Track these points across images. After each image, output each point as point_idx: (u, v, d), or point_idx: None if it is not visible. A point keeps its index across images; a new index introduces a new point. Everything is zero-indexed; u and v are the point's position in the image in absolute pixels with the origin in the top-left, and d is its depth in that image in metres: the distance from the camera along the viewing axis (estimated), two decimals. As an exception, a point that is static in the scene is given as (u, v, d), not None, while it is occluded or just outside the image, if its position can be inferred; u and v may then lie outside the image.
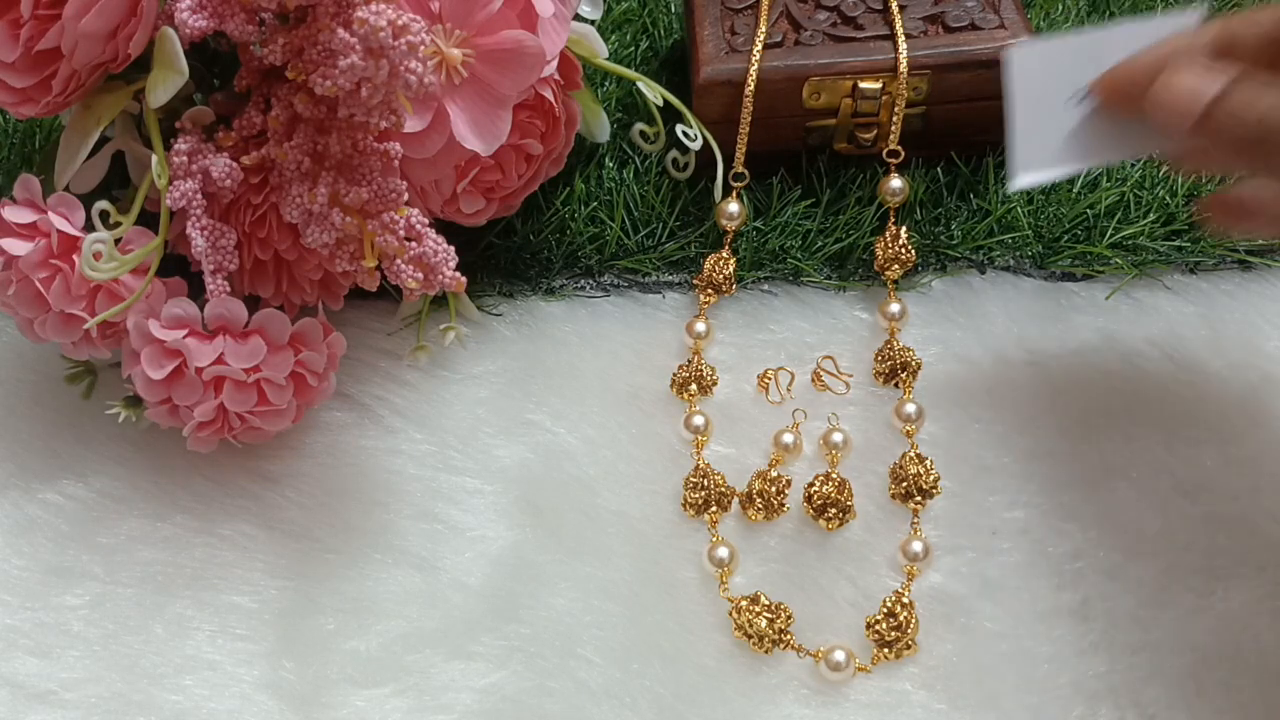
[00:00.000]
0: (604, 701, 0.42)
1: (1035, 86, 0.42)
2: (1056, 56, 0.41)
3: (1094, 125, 0.41)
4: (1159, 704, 0.41)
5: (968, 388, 0.48)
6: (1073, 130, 0.41)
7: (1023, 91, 0.42)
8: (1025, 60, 0.42)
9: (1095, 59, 0.40)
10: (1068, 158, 0.42)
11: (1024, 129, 0.42)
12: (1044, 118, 0.41)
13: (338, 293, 0.47)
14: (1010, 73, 0.42)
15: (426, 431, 0.48)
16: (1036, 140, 0.42)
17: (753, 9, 0.51)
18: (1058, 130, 0.41)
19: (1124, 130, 0.41)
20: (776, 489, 0.45)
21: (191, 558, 0.46)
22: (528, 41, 0.41)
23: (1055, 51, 0.41)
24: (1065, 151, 0.42)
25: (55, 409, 0.50)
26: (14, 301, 0.43)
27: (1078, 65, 0.41)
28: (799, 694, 0.42)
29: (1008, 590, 0.44)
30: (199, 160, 0.41)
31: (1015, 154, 0.42)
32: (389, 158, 0.40)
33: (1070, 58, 0.41)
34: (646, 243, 0.52)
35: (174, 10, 0.39)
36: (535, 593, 0.44)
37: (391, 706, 0.42)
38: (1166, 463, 0.45)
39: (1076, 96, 0.41)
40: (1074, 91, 0.41)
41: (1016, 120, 0.42)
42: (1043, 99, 0.41)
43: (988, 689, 0.42)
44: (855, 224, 0.51)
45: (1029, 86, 0.42)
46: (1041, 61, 0.41)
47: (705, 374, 0.48)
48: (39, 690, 0.43)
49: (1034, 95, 0.42)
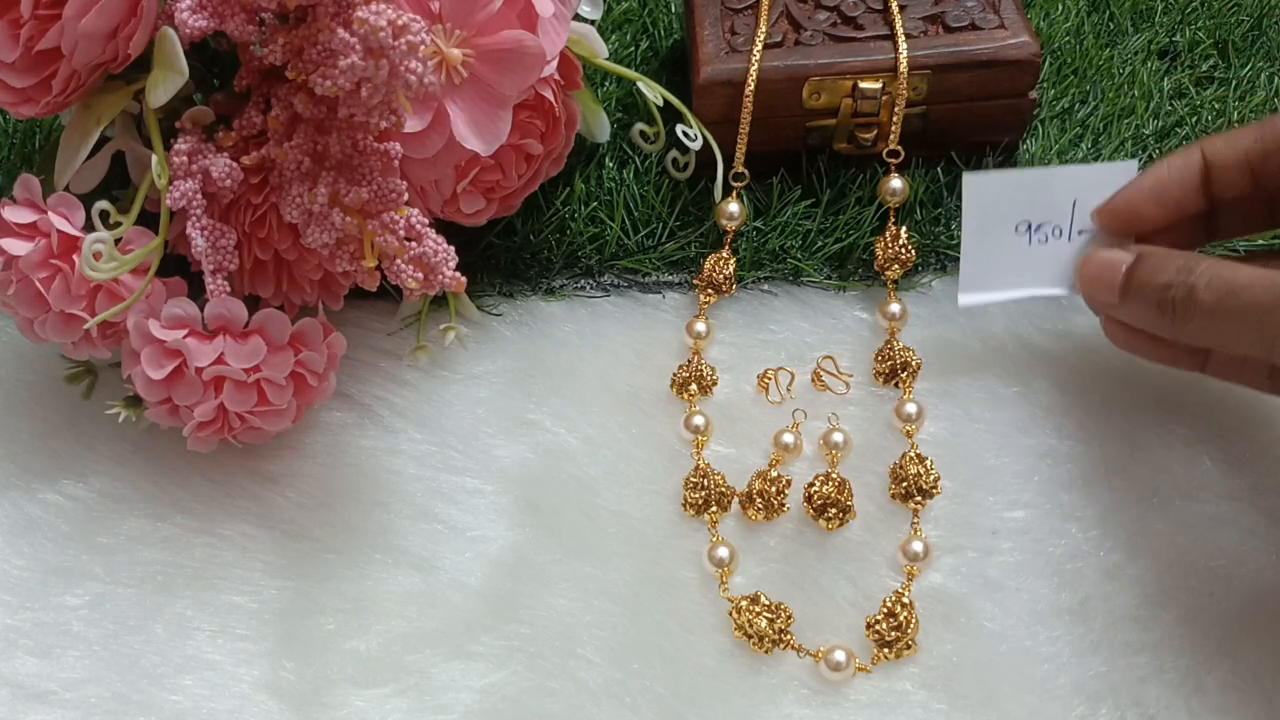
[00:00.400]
0: (604, 701, 0.42)
1: (985, 213, 0.44)
2: (1007, 188, 0.44)
3: (1036, 256, 0.44)
4: (1159, 704, 0.41)
5: (968, 388, 0.48)
6: (1016, 259, 0.44)
7: (973, 216, 0.44)
8: (977, 187, 0.44)
9: (1043, 194, 0.44)
10: (1010, 284, 0.44)
11: (971, 253, 0.45)
12: (991, 244, 0.44)
13: (338, 293, 0.47)
14: (964, 197, 0.44)
15: (426, 431, 0.48)
16: (982, 264, 0.45)
17: (753, 9, 0.51)
18: (1003, 257, 0.44)
19: (1060, 266, 0.44)
20: (776, 489, 0.45)
21: (191, 558, 0.46)
22: (528, 41, 0.41)
23: (1006, 183, 0.44)
24: (1008, 278, 0.44)
25: (55, 409, 0.50)
26: (14, 301, 0.43)
27: (1025, 198, 0.44)
28: (799, 694, 0.42)
29: (1008, 590, 0.44)
30: (199, 160, 0.41)
31: (962, 275, 0.45)
32: (389, 158, 0.40)
33: (1019, 191, 0.44)
34: (646, 243, 0.52)
35: (174, 10, 0.39)
36: (535, 593, 0.44)
37: (391, 706, 0.42)
38: (1166, 463, 0.45)
39: (1022, 226, 0.44)
40: (1019, 222, 0.44)
41: (965, 243, 0.45)
42: (991, 226, 0.44)
43: (988, 689, 0.42)
44: (855, 224, 0.51)
45: (979, 213, 0.44)
46: (993, 191, 0.44)
47: (705, 374, 0.48)
48: (39, 690, 0.43)
49: (983, 221, 0.44)
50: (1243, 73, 0.55)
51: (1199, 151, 0.42)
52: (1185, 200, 0.42)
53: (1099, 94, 0.55)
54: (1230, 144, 0.42)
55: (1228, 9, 0.58)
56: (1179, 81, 0.55)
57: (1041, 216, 0.44)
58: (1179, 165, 0.42)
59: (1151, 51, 0.56)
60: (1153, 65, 0.56)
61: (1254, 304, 0.37)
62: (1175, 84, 0.55)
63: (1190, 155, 0.42)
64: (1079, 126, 0.53)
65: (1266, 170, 0.41)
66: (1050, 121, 0.54)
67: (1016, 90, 0.50)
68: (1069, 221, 0.44)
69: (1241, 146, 0.41)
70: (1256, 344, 0.38)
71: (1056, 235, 0.44)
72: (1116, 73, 0.55)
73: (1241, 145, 0.41)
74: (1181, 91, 0.55)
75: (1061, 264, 0.44)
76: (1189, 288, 0.39)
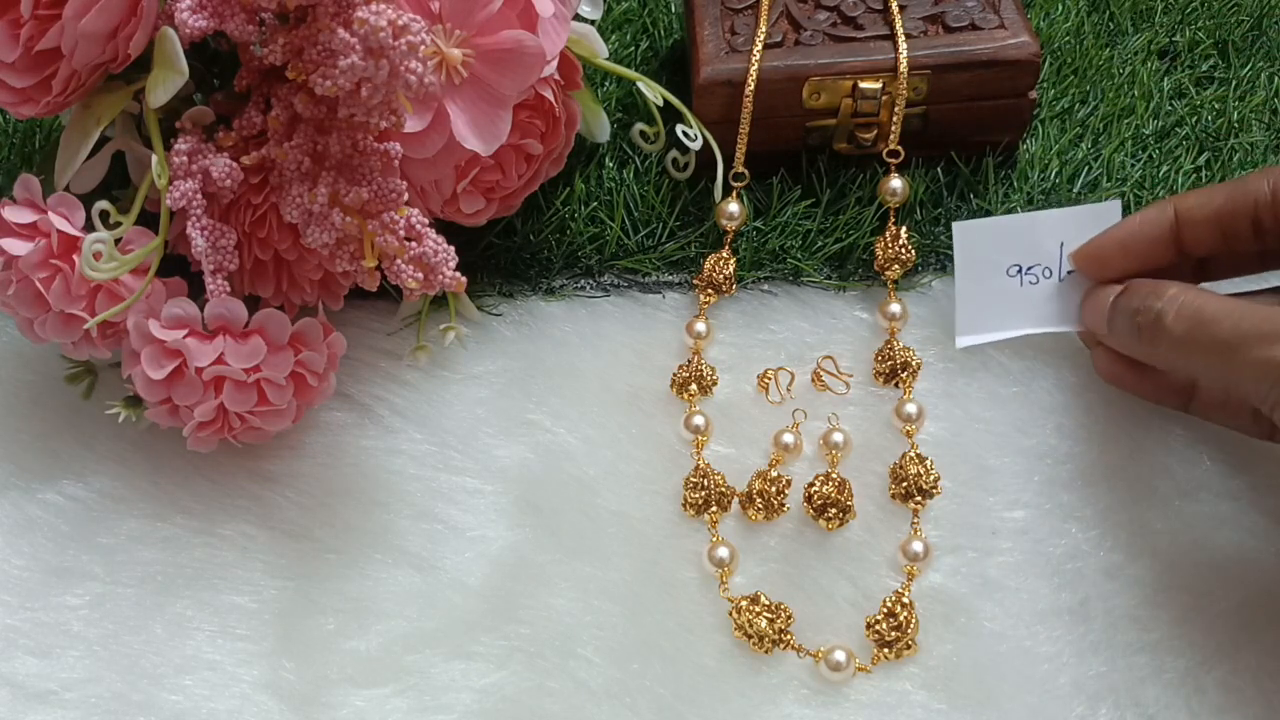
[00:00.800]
0: (604, 701, 0.42)
1: (976, 259, 0.46)
2: (995, 234, 0.46)
3: (1028, 297, 0.46)
4: (1159, 704, 0.41)
5: (968, 388, 0.48)
6: (1009, 300, 0.46)
7: (965, 262, 0.46)
8: (967, 234, 0.46)
9: (1030, 237, 0.46)
10: (1005, 324, 0.46)
11: (965, 296, 0.47)
12: (984, 287, 0.46)
13: (338, 293, 0.47)
14: (955, 243, 0.46)
15: (426, 431, 0.48)
16: (977, 307, 0.47)
17: (753, 9, 0.51)
18: (996, 299, 0.46)
19: (1052, 305, 0.46)
20: (776, 489, 0.45)
21: (191, 558, 0.46)
22: (528, 41, 0.41)
23: (994, 229, 0.46)
24: (1003, 318, 0.46)
25: (55, 409, 0.50)
26: (14, 301, 0.43)
27: (1013, 243, 0.46)
28: (799, 694, 0.42)
29: (1008, 590, 0.44)
30: (199, 160, 0.41)
31: (958, 318, 0.47)
32: (389, 158, 0.40)
33: (1007, 236, 0.46)
34: (646, 243, 0.52)
35: (174, 10, 0.39)
36: (535, 593, 0.44)
37: (391, 706, 0.42)
38: (1166, 463, 0.45)
39: (1013, 269, 0.46)
40: (1010, 265, 0.46)
41: (958, 287, 0.47)
42: (983, 270, 0.46)
43: (988, 689, 0.42)
44: (855, 224, 0.51)
45: (970, 258, 0.46)
46: (982, 237, 0.46)
47: (705, 374, 0.48)
48: (39, 690, 0.43)
49: (975, 266, 0.46)
50: (1243, 73, 0.55)
51: (1172, 207, 0.43)
52: (1153, 253, 0.43)
53: (1099, 94, 0.55)
54: (1201, 203, 0.42)
55: (1228, 9, 0.58)
56: (1179, 81, 0.55)
57: (1031, 259, 0.46)
58: (1151, 219, 0.43)
59: (1151, 51, 0.56)
60: (1153, 65, 0.56)
61: (1219, 341, 0.38)
62: (1175, 84, 0.55)
63: (1163, 210, 0.43)
64: (1079, 126, 0.53)
65: (1235, 230, 0.41)
66: (1050, 121, 0.54)
67: (1016, 90, 0.50)
68: (1058, 263, 0.46)
69: (1212, 206, 0.42)
70: (1221, 379, 0.38)
71: (1047, 276, 0.46)
72: (1116, 73, 0.55)
73: (1212, 205, 0.42)
74: (1181, 91, 0.55)
75: (1053, 303, 0.46)
76: (1156, 313, 0.40)
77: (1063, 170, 0.52)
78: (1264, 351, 0.36)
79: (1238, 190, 0.41)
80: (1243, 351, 0.37)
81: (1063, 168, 0.52)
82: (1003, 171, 0.52)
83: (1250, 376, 0.37)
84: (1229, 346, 0.37)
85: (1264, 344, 0.36)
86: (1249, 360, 0.37)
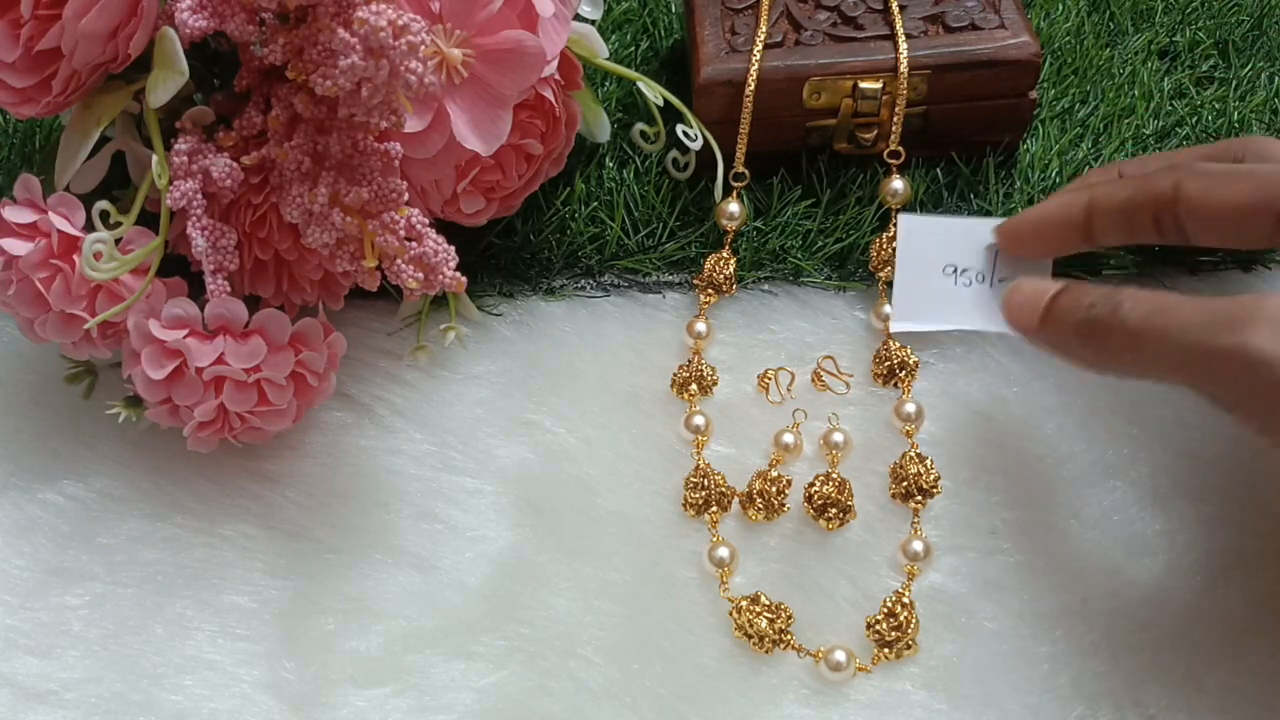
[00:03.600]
0: (604, 701, 0.42)
1: (917, 252, 0.48)
2: (937, 232, 0.48)
3: (960, 297, 0.47)
4: (1159, 704, 0.41)
5: (968, 388, 0.48)
6: (943, 296, 0.47)
7: (905, 253, 0.48)
8: (912, 228, 0.48)
9: (968, 241, 0.47)
10: (937, 318, 0.47)
11: (902, 285, 0.48)
12: (921, 280, 0.48)
13: (338, 293, 0.47)
14: (899, 235, 0.48)
15: (426, 431, 0.48)
16: (913, 297, 0.48)
17: (753, 9, 0.51)
18: (931, 293, 0.47)
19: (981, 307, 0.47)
20: (777, 489, 0.45)
21: (191, 558, 0.46)
22: (528, 41, 0.41)
23: (937, 228, 0.48)
24: (936, 312, 0.47)
25: (55, 409, 0.50)
26: (14, 301, 0.43)
27: (953, 243, 0.47)
28: (799, 694, 0.42)
29: (1008, 590, 0.44)
30: (199, 160, 0.41)
31: (894, 304, 0.48)
32: (389, 158, 0.40)
33: (947, 236, 0.47)
34: (646, 243, 0.52)
35: (174, 10, 0.39)
36: (535, 593, 0.44)
37: (391, 706, 0.42)
38: (1166, 463, 0.45)
39: (949, 269, 0.47)
40: (946, 265, 0.47)
41: (898, 276, 0.48)
42: (921, 263, 0.47)
43: (988, 689, 0.42)
44: (855, 224, 0.51)
45: (912, 250, 0.48)
46: (925, 233, 0.48)
47: (705, 374, 0.48)
48: (39, 690, 0.43)
49: (915, 259, 0.48)
50: (1243, 73, 0.55)
51: (1087, 195, 0.43)
52: (1064, 236, 0.44)
53: (1099, 94, 0.55)
54: (1110, 194, 0.42)
55: (1228, 9, 0.58)
56: (1179, 81, 0.55)
57: (966, 262, 0.47)
58: (1067, 203, 0.44)
59: (1152, 51, 0.56)
60: (1153, 65, 0.56)
61: (1182, 325, 0.36)
62: (1175, 84, 0.55)
63: (1078, 197, 0.43)
64: (1079, 126, 0.53)
65: (1139, 224, 0.41)
66: (1050, 121, 0.54)
67: (1017, 90, 0.50)
68: (991, 270, 0.47)
69: (1119, 198, 0.42)
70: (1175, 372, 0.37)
71: (980, 280, 0.47)
72: (1117, 73, 0.55)
73: (1119, 197, 0.42)
74: (1182, 91, 0.55)
75: (982, 306, 0.47)
76: (1114, 304, 0.38)
77: (1063, 170, 0.52)
78: (1230, 338, 0.34)
79: (1143, 185, 0.41)
80: (1207, 338, 0.35)
81: (1063, 168, 0.52)
82: (1003, 171, 0.52)
83: (1213, 367, 0.35)
84: (1193, 331, 0.35)
85: (1231, 329, 0.34)
86: (1212, 349, 0.35)
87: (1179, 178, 0.40)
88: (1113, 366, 0.40)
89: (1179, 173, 0.40)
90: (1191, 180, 0.40)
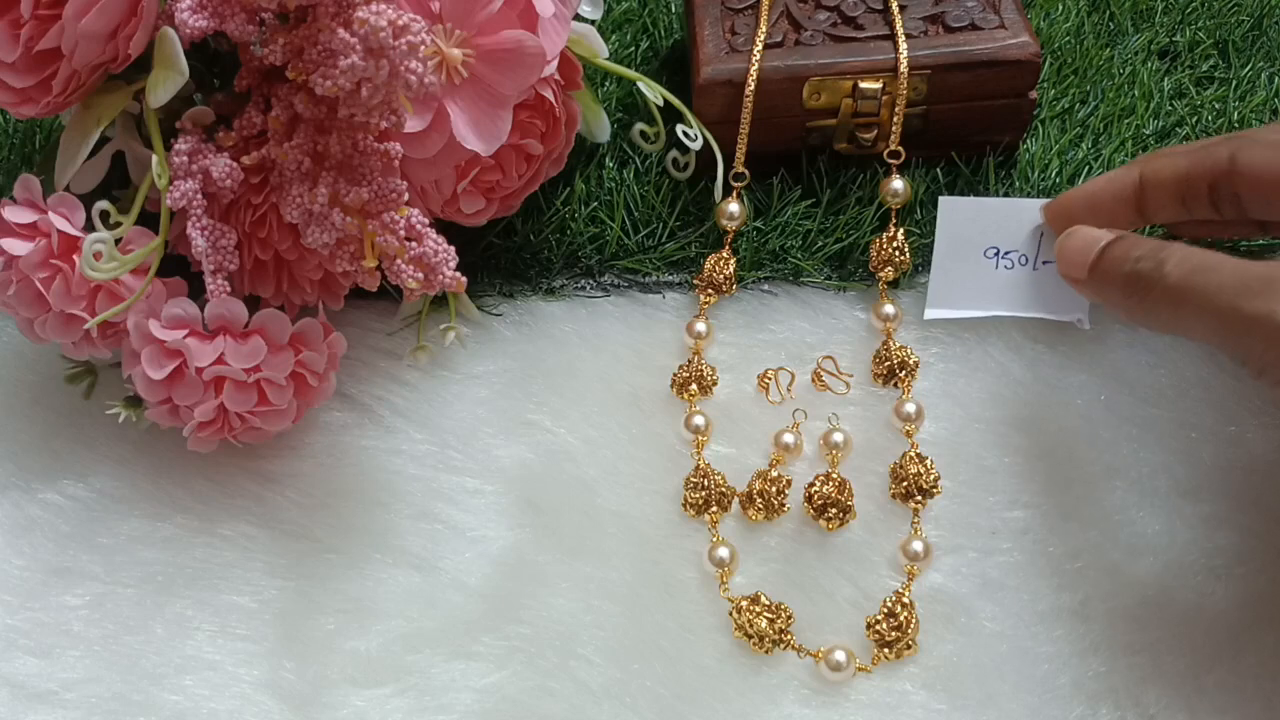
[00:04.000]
0: (604, 701, 0.42)
1: (957, 235, 0.46)
2: (979, 213, 0.46)
3: (1001, 281, 0.46)
4: (1159, 704, 0.41)
5: (968, 388, 0.48)
6: (982, 281, 0.46)
7: (945, 237, 0.47)
8: (951, 210, 0.47)
9: (1012, 222, 0.46)
10: (975, 303, 0.47)
11: (940, 269, 0.47)
12: (960, 264, 0.47)
13: (338, 293, 0.47)
14: (939, 218, 0.47)
15: (426, 431, 0.48)
16: (951, 282, 0.47)
17: (753, 9, 0.51)
18: (970, 277, 0.46)
19: (1022, 292, 0.46)
20: (777, 489, 0.45)
21: (191, 558, 0.46)
22: (528, 41, 0.41)
23: (978, 209, 0.46)
24: (974, 298, 0.47)
25: (55, 409, 0.50)
26: (14, 301, 0.43)
27: (995, 225, 0.46)
28: (799, 694, 0.42)
29: (1008, 590, 0.44)
30: (199, 160, 0.41)
31: (930, 289, 0.47)
32: (389, 158, 0.40)
33: (990, 217, 0.46)
34: (646, 243, 0.52)
35: (174, 10, 0.39)
36: (535, 593, 0.44)
37: (392, 706, 0.42)
38: (1166, 463, 0.45)
39: (990, 251, 0.46)
40: (988, 247, 0.46)
41: (935, 260, 0.47)
42: (962, 248, 0.46)
43: (988, 689, 0.42)
44: (855, 224, 0.51)
45: (951, 234, 0.47)
46: (965, 215, 0.46)
47: (705, 374, 0.48)
48: (39, 690, 0.43)
49: (954, 242, 0.46)
50: (1243, 73, 0.55)
51: (1139, 169, 0.42)
52: (1116, 213, 0.43)
53: (1099, 94, 0.55)
54: (1164, 165, 0.41)
55: (1228, 9, 0.58)
56: (1179, 81, 0.55)
57: (1009, 244, 0.46)
58: (1117, 179, 0.43)
59: (1152, 51, 0.56)
60: (1153, 65, 0.56)
61: (1220, 286, 0.36)
62: (1175, 84, 0.55)
63: (1130, 172, 0.42)
64: (1079, 126, 0.53)
65: (1194, 197, 0.41)
66: (1050, 121, 0.54)
67: (1017, 90, 0.50)
68: (1035, 251, 0.46)
69: (1173, 170, 0.41)
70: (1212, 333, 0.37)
71: (1023, 263, 0.46)
72: (1116, 73, 0.55)
73: (1173, 169, 0.41)
74: (1182, 91, 0.55)
75: (1024, 290, 0.46)
76: (1159, 260, 0.38)
77: (1063, 170, 0.52)
78: (1262, 304, 0.34)
79: (1199, 156, 0.40)
80: (1240, 302, 0.35)
81: (1063, 168, 0.52)
82: (1003, 172, 0.52)
83: (1243, 332, 0.35)
84: (1228, 293, 0.35)
85: (1264, 295, 0.35)
86: (1243, 314, 0.35)
87: (1236, 146, 0.39)
88: (1153, 322, 0.39)
89: (1237, 142, 0.39)
90: (1250, 149, 0.39)
